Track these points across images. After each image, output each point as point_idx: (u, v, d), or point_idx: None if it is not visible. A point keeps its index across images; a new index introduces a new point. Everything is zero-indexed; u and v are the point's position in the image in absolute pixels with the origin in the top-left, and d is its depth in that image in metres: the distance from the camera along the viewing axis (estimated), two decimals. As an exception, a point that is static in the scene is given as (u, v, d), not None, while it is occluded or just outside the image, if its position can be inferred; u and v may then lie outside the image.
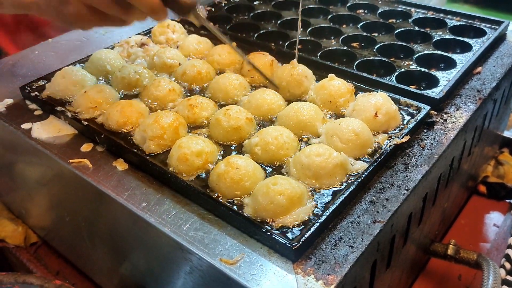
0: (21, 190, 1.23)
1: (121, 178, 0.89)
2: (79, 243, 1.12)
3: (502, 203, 1.40)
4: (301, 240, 0.72)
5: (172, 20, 1.37)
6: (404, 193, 0.82)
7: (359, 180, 0.82)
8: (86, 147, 0.98)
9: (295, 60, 1.09)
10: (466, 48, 1.24)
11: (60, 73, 1.12)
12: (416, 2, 1.50)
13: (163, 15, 0.88)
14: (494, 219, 1.37)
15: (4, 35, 1.52)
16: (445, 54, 1.21)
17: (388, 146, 0.90)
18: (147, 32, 1.37)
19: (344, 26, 1.40)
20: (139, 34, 1.36)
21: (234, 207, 0.80)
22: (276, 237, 0.73)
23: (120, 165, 0.92)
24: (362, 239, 0.74)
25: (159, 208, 0.82)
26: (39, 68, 1.25)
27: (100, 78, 1.17)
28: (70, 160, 0.94)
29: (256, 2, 1.59)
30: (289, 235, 0.74)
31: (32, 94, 1.10)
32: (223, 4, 1.57)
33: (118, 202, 0.85)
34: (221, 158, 0.90)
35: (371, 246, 0.74)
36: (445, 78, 1.10)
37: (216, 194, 0.82)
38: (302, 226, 0.75)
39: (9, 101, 1.13)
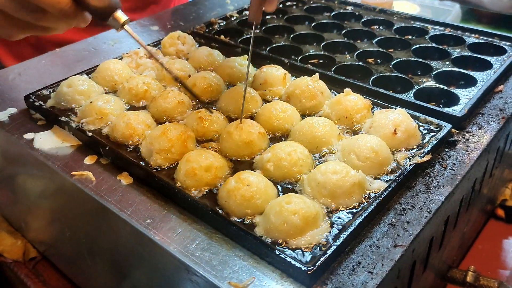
0: (22, 202, 1.19)
1: (125, 192, 0.85)
2: (79, 259, 1.07)
3: (521, 228, 1.35)
4: (317, 264, 0.67)
5: (182, 32, 1.34)
6: (426, 216, 0.77)
7: (378, 201, 0.77)
8: (89, 159, 0.94)
9: (316, 75, 1.06)
10: (486, 65, 1.20)
11: (66, 83, 1.09)
12: (432, 19, 1.46)
13: (81, 21, 0.81)
14: (513, 245, 1.32)
15: (3, 48, 1.49)
16: (465, 71, 1.17)
17: (408, 165, 0.85)
18: (157, 43, 1.34)
19: (358, 41, 1.37)
20: (148, 45, 1.33)
21: (245, 226, 0.75)
22: (289, 260, 0.68)
23: (125, 178, 0.88)
24: (382, 265, 0.69)
25: (164, 225, 0.78)
26: (45, 78, 1.23)
27: (107, 89, 1.14)
28: (73, 173, 0.90)
29: (268, 16, 1.56)
30: (304, 258, 0.69)
31: (36, 104, 1.07)
32: (234, 18, 1.54)
33: (121, 218, 0.80)
34: (231, 174, 0.85)
35: (391, 273, 0.69)
36: (466, 96, 1.06)
37: (225, 212, 0.78)
38: (318, 249, 0.70)
39: (13, 110, 1.10)
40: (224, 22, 1.51)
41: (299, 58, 1.27)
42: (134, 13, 1.75)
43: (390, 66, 1.21)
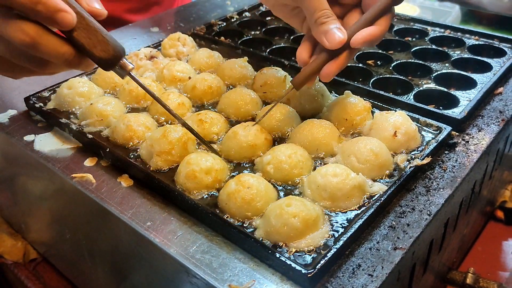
0: (22, 204, 1.19)
1: (125, 194, 0.85)
2: (79, 261, 1.07)
3: (520, 230, 1.35)
4: (317, 266, 0.66)
5: (182, 33, 1.34)
6: (426, 218, 0.77)
7: (378, 203, 0.77)
8: (90, 161, 0.94)
9: (316, 77, 1.06)
10: (486, 67, 1.20)
11: (66, 84, 1.09)
12: (433, 21, 1.46)
13: (86, 67, 0.78)
14: (513, 246, 1.32)
15: None
16: (465, 73, 1.17)
17: (408, 167, 0.85)
18: (157, 45, 1.34)
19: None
20: (148, 46, 1.33)
21: (245, 229, 0.75)
22: (289, 263, 0.68)
23: (125, 181, 0.88)
24: (383, 267, 0.69)
25: (164, 227, 0.78)
26: (45, 79, 1.21)
27: (107, 91, 1.14)
28: (73, 175, 0.90)
29: (268, 18, 1.57)
30: (304, 261, 0.69)
31: (37, 105, 1.07)
32: (234, 19, 1.54)
33: (121, 220, 0.80)
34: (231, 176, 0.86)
35: (392, 275, 0.69)
36: (466, 98, 1.06)
37: (225, 214, 0.78)
38: (318, 252, 0.70)
39: (13, 112, 1.10)
40: (224, 24, 1.51)
41: (299, 59, 1.26)
42: (136, 15, 1.75)
43: (390, 68, 1.21)
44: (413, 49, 1.30)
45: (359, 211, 0.78)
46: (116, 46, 0.75)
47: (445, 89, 1.11)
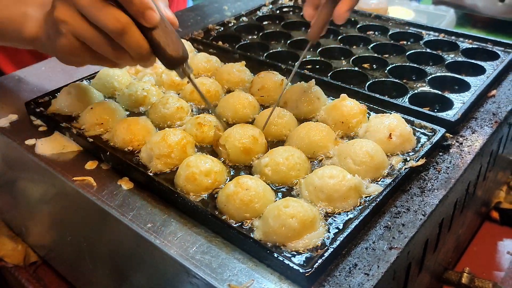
0: (22, 207, 1.20)
1: (126, 197, 0.86)
2: (80, 264, 1.08)
3: (515, 230, 1.37)
4: (314, 266, 0.68)
5: (180, 38, 1.35)
6: (421, 219, 0.79)
7: (373, 204, 0.79)
8: (90, 165, 0.95)
9: (313, 81, 1.08)
10: (480, 70, 1.22)
11: (66, 89, 1.10)
12: (427, 25, 1.49)
13: (150, 64, 0.88)
14: (508, 246, 1.33)
15: (2, 55, 1.50)
16: (459, 76, 1.19)
17: (403, 169, 0.87)
18: (156, 50, 1.35)
19: (354, 47, 1.39)
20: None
21: (243, 230, 0.76)
22: (287, 263, 0.69)
23: (126, 184, 0.90)
24: (378, 267, 0.70)
25: (165, 229, 0.79)
26: (45, 84, 1.24)
27: (107, 95, 1.15)
28: (74, 178, 0.91)
29: (265, 22, 1.58)
30: (301, 260, 0.70)
31: (37, 110, 1.08)
32: (232, 24, 1.56)
33: (122, 222, 0.82)
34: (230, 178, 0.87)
35: (387, 274, 0.70)
36: (460, 101, 1.08)
37: (224, 216, 0.79)
38: (315, 252, 0.72)
39: (14, 116, 1.11)
40: (222, 28, 1.53)
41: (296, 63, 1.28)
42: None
43: (385, 71, 1.23)
44: (408, 52, 1.32)
45: (355, 212, 0.79)
46: (185, 49, 0.84)
47: (440, 92, 1.13)
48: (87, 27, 0.79)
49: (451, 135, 0.99)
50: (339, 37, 1.43)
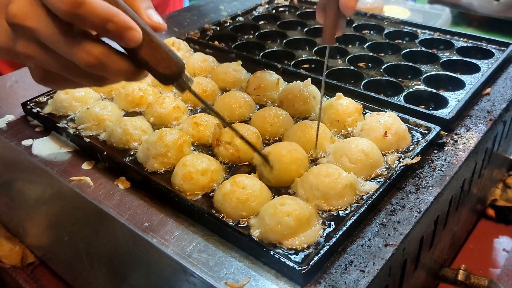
0: (19, 208, 1.20)
1: (122, 196, 0.87)
2: (77, 264, 1.08)
3: (511, 228, 1.37)
4: (310, 263, 0.69)
5: (177, 38, 1.36)
6: (416, 216, 0.79)
7: (369, 202, 0.79)
8: (87, 165, 0.95)
9: (309, 80, 1.09)
10: (474, 69, 1.23)
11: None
12: (422, 24, 1.49)
13: (140, 78, 0.73)
14: (504, 243, 1.34)
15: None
16: (453, 75, 1.20)
17: (398, 166, 0.87)
18: (152, 50, 1.36)
19: (350, 46, 1.39)
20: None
21: (240, 228, 0.77)
22: (284, 260, 0.70)
23: (122, 183, 0.90)
24: (374, 263, 0.71)
25: (161, 228, 0.79)
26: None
27: (104, 95, 1.15)
28: (71, 178, 0.91)
29: (261, 22, 1.59)
30: (298, 258, 0.71)
31: (34, 110, 1.08)
32: (228, 23, 1.57)
33: (119, 221, 0.82)
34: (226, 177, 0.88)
35: (383, 271, 0.71)
36: (454, 99, 1.09)
37: (221, 214, 0.80)
38: (311, 249, 0.72)
39: (10, 117, 1.11)
40: (218, 28, 1.53)
41: (292, 63, 1.29)
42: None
43: (381, 70, 1.23)
44: (403, 51, 1.33)
45: (351, 209, 0.80)
46: (178, 62, 0.71)
47: (435, 90, 1.14)
48: (57, 60, 0.66)
49: (446, 133, 1.00)
50: (335, 37, 1.43)
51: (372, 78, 1.19)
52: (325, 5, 0.91)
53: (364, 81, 1.18)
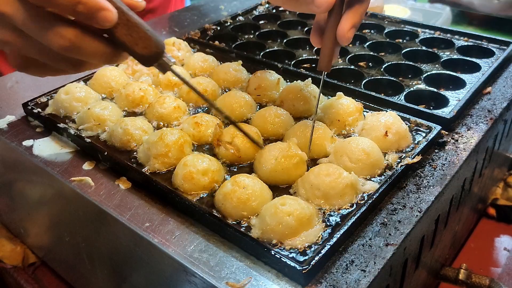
0: (21, 208, 1.21)
1: (123, 197, 0.87)
2: (78, 264, 1.08)
3: (512, 227, 1.37)
4: (311, 263, 0.69)
5: (177, 38, 1.36)
6: (417, 215, 0.79)
7: (370, 201, 0.79)
8: (88, 165, 0.95)
9: (309, 79, 1.09)
10: (475, 68, 1.23)
11: (63, 90, 1.10)
12: (423, 23, 1.49)
13: (121, 60, 0.73)
14: (505, 243, 1.34)
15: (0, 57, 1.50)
16: (454, 74, 1.20)
17: (399, 166, 0.87)
18: (152, 50, 1.36)
19: (350, 45, 1.39)
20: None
21: (241, 228, 0.77)
22: (285, 260, 0.70)
23: (123, 183, 0.90)
24: (375, 263, 0.71)
25: (162, 228, 0.79)
26: (43, 85, 1.24)
27: (104, 95, 1.15)
28: (72, 178, 0.91)
29: (261, 22, 1.59)
30: (299, 258, 0.71)
31: (35, 111, 1.08)
32: (228, 23, 1.57)
33: (120, 221, 0.82)
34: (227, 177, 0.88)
35: (384, 271, 0.71)
36: (455, 98, 1.09)
37: (222, 214, 0.80)
38: (312, 249, 0.72)
39: (11, 118, 1.11)
40: (218, 28, 1.53)
41: (292, 62, 1.29)
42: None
43: (381, 69, 1.23)
44: (404, 50, 1.33)
45: (351, 209, 0.80)
46: (158, 42, 0.70)
47: (435, 90, 1.14)
48: (32, 45, 0.67)
49: (447, 132, 0.99)
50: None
51: (372, 78, 1.19)
52: (322, 31, 0.89)
53: (364, 81, 1.18)
